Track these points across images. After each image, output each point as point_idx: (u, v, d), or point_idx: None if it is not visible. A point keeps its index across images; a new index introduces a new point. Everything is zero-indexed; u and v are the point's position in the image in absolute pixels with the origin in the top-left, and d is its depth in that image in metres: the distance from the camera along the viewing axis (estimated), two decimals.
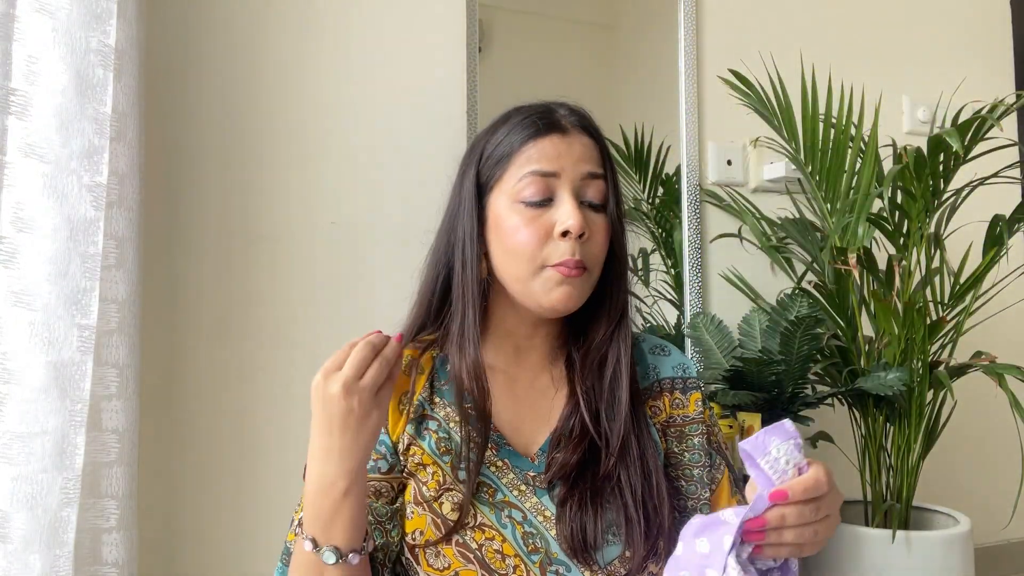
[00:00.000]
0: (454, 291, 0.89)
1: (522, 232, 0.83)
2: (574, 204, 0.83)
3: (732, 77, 1.67)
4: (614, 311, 0.90)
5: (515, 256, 0.84)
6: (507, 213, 0.85)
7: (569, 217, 0.82)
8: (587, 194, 0.85)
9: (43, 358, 1.04)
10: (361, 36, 1.54)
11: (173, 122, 1.39)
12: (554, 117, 0.87)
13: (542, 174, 0.84)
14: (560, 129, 0.86)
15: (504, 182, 0.86)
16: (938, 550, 1.45)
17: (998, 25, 2.33)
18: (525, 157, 0.85)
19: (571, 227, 0.82)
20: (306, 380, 1.48)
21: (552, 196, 0.84)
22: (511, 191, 0.85)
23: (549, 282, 0.83)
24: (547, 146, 0.85)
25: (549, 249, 0.83)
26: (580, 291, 0.85)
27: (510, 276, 0.86)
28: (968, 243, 1.65)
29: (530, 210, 0.84)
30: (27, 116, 1.07)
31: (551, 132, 0.85)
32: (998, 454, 1.96)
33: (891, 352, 1.51)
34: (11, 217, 1.05)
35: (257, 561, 1.39)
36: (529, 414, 0.90)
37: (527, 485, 0.85)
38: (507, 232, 0.85)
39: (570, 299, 0.84)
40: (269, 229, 1.45)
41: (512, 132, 0.87)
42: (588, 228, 0.84)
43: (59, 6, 1.08)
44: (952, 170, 1.49)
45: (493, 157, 0.88)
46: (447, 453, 0.85)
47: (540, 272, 0.84)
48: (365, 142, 1.53)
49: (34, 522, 1.02)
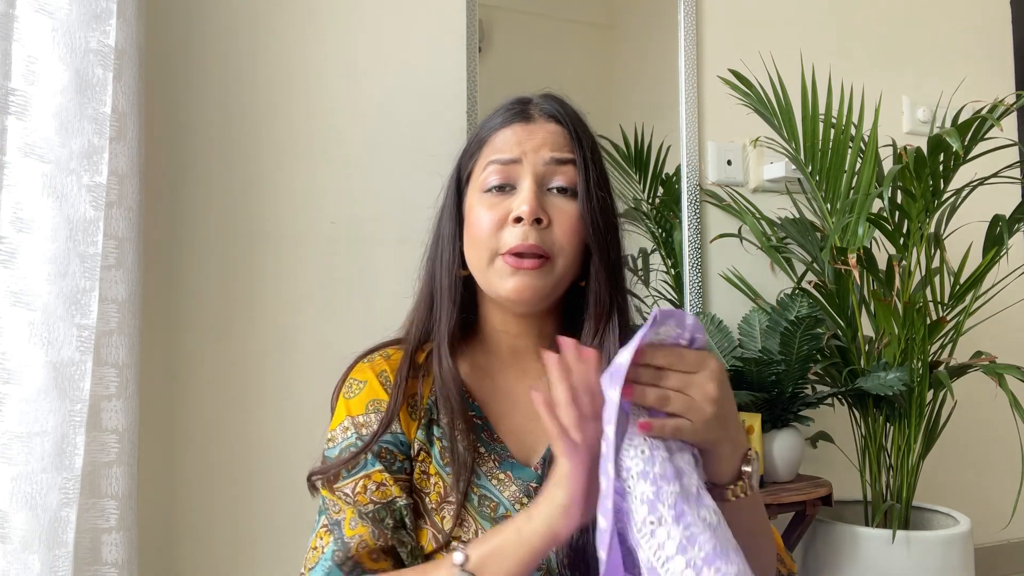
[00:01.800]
0: (434, 295, 0.87)
1: (483, 217, 0.82)
2: (532, 190, 0.81)
3: (732, 77, 1.67)
4: (599, 309, 0.84)
5: (474, 244, 0.83)
6: (474, 203, 0.84)
7: (523, 203, 0.80)
8: (554, 180, 0.83)
9: (43, 358, 1.04)
10: (361, 36, 1.54)
11: (173, 122, 1.39)
12: (523, 107, 0.86)
13: (502, 162, 0.83)
14: (525, 117, 0.85)
15: (475, 174, 0.86)
16: (938, 550, 1.45)
17: (998, 25, 2.33)
18: (491, 147, 0.85)
19: (523, 212, 0.79)
20: (306, 380, 1.48)
21: (515, 183, 0.83)
22: (479, 182, 0.84)
23: (502, 272, 0.81)
24: (509, 134, 0.84)
25: (504, 234, 0.81)
26: (538, 282, 0.81)
27: (473, 266, 0.85)
28: (968, 243, 1.65)
29: (491, 196, 0.83)
30: (27, 116, 1.07)
31: (515, 121, 0.85)
32: (998, 454, 1.96)
33: (891, 352, 1.51)
34: (11, 217, 1.05)
35: (257, 561, 1.39)
36: (528, 422, 0.88)
37: (529, 498, 0.83)
38: (472, 221, 0.84)
39: (524, 290, 0.80)
40: (269, 229, 1.45)
41: (485, 125, 0.87)
42: (548, 214, 0.81)
43: (59, 6, 1.08)
44: (952, 170, 1.49)
45: (468, 152, 0.88)
46: (449, 464, 0.83)
47: (493, 261, 0.81)
48: (365, 142, 1.53)
49: (34, 522, 1.02)
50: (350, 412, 0.85)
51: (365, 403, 0.85)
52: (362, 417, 0.84)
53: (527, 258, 0.80)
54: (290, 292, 1.45)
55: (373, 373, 0.87)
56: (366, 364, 0.88)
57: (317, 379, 1.43)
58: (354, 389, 0.86)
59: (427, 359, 0.89)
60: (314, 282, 1.47)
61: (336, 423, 0.85)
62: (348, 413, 0.85)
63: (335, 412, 0.87)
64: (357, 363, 0.89)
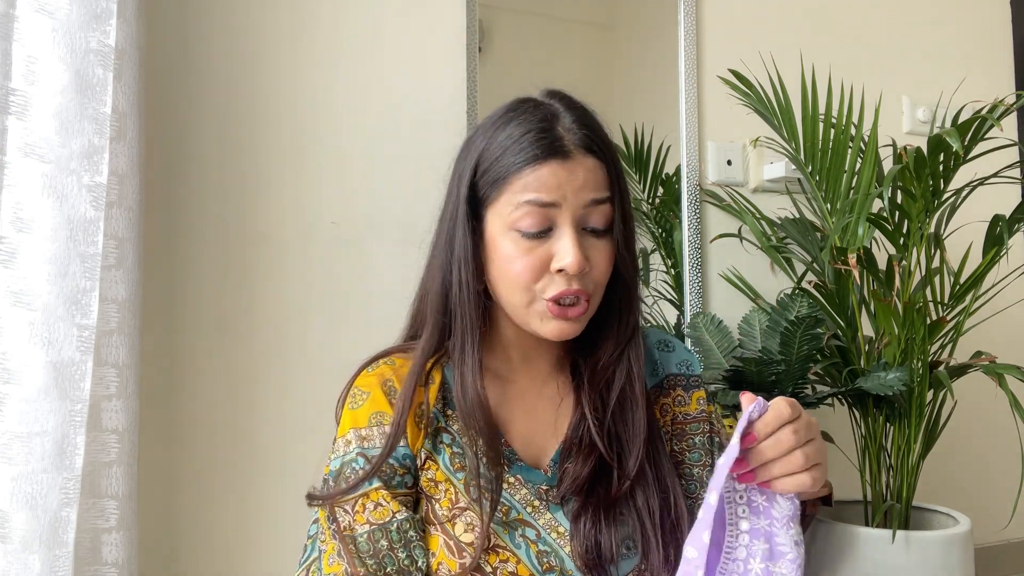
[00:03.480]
0: (453, 311, 0.85)
1: (517, 263, 0.78)
2: (574, 240, 0.77)
3: (732, 77, 1.67)
4: (623, 333, 0.86)
5: (509, 285, 0.81)
6: (501, 239, 0.80)
7: (568, 255, 0.77)
8: (591, 221, 0.80)
9: (43, 358, 1.04)
10: (361, 36, 1.54)
11: (173, 122, 1.39)
12: (556, 135, 0.79)
13: (540, 204, 0.77)
14: (562, 154, 0.78)
15: (499, 205, 0.80)
16: (938, 550, 1.45)
17: (998, 25, 2.33)
18: (522, 184, 0.78)
19: (567, 266, 0.77)
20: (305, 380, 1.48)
21: (551, 226, 0.78)
22: (507, 217, 0.79)
23: (544, 315, 0.80)
24: (546, 175, 0.77)
25: (544, 282, 0.79)
26: (577, 324, 0.81)
27: (505, 301, 0.83)
28: (968, 243, 1.65)
29: (526, 241, 0.78)
30: (27, 116, 1.06)
31: (552, 157, 0.78)
32: (998, 454, 1.96)
33: (891, 352, 1.51)
34: (11, 217, 1.05)
35: (257, 561, 1.39)
36: (539, 426, 0.88)
37: (540, 500, 0.83)
38: (502, 259, 0.80)
39: (564, 333, 0.81)
40: (269, 229, 1.45)
41: (510, 150, 0.79)
42: (589, 260, 0.79)
43: (59, 6, 1.08)
44: (952, 170, 1.49)
45: (490, 175, 0.81)
46: (461, 470, 0.82)
47: (534, 303, 0.80)
48: (365, 142, 1.53)
49: (34, 522, 1.02)
50: (355, 424, 0.84)
51: (368, 415, 0.84)
52: (364, 431, 0.83)
53: (572, 307, 0.79)
54: (290, 292, 1.45)
55: (377, 383, 0.85)
56: (371, 373, 0.87)
57: (317, 379, 1.43)
58: (358, 400, 0.85)
59: (434, 365, 0.88)
60: (314, 282, 1.47)
61: (341, 433, 0.85)
62: (353, 425, 0.84)
63: (340, 422, 0.86)
64: (361, 371, 0.88)
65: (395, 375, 0.86)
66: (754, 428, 0.71)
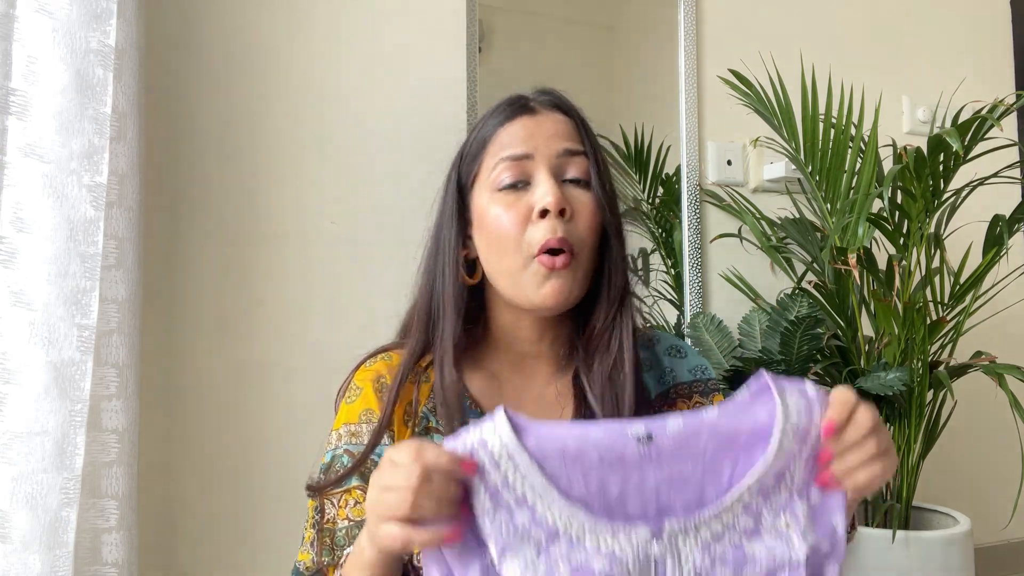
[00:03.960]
0: (434, 302, 0.85)
1: (502, 218, 0.80)
2: (551, 181, 0.79)
3: (732, 77, 1.67)
4: (613, 293, 0.85)
5: (500, 247, 0.81)
6: (488, 205, 0.82)
7: (547, 194, 0.78)
8: (568, 172, 0.82)
9: (43, 358, 1.04)
10: (361, 36, 1.54)
11: (173, 122, 1.39)
12: (523, 101, 0.85)
13: (514, 158, 0.81)
14: (529, 110, 0.83)
15: (482, 176, 0.83)
16: (938, 550, 1.45)
17: (998, 25, 2.33)
18: (497, 145, 0.82)
19: (549, 204, 0.78)
20: (306, 379, 1.47)
21: (529, 178, 0.81)
22: (489, 183, 0.82)
23: (537, 276, 0.79)
24: (516, 129, 0.82)
25: (531, 231, 0.79)
26: (571, 283, 0.80)
27: (500, 273, 0.83)
28: (968, 243, 1.65)
29: (508, 195, 0.81)
30: (27, 116, 1.07)
31: (519, 115, 0.83)
32: (998, 454, 1.96)
33: (891, 352, 1.51)
34: (11, 217, 1.05)
35: (257, 561, 1.39)
36: None
37: None
38: (490, 223, 0.82)
39: (561, 293, 0.80)
40: (269, 229, 1.45)
41: (484, 125, 0.85)
42: (570, 206, 0.80)
43: (59, 6, 1.08)
44: (952, 170, 1.49)
45: (470, 154, 0.86)
46: None
47: (528, 265, 0.80)
48: (365, 142, 1.53)
49: (34, 522, 1.02)
50: (347, 419, 0.84)
51: (359, 412, 0.84)
52: (354, 427, 0.84)
53: (559, 255, 0.79)
54: (290, 292, 1.45)
55: (371, 379, 0.86)
56: (368, 368, 0.87)
57: (317, 379, 1.43)
58: (352, 395, 0.86)
59: (429, 365, 0.87)
60: (314, 282, 1.47)
61: (335, 427, 0.85)
62: (345, 420, 0.84)
63: (336, 416, 0.87)
64: (360, 365, 0.88)
65: (389, 372, 0.86)
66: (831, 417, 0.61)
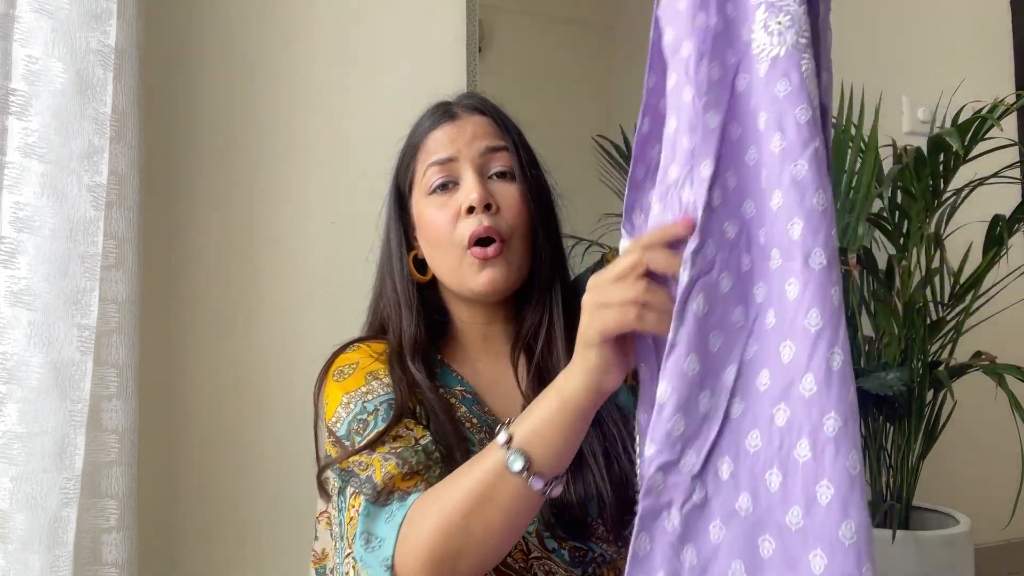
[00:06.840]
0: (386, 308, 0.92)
1: (436, 218, 0.86)
2: (475, 179, 0.85)
3: None
4: (543, 283, 0.89)
5: (437, 245, 0.87)
6: (424, 208, 0.88)
7: (471, 191, 0.84)
8: (492, 167, 0.88)
9: (43, 358, 1.04)
10: (361, 36, 1.54)
11: (173, 122, 1.39)
12: (446, 107, 0.92)
13: (440, 162, 0.87)
14: (450, 116, 0.90)
15: (415, 182, 0.90)
16: (938, 550, 1.46)
17: (998, 25, 2.33)
18: (425, 152, 0.89)
19: (473, 200, 0.83)
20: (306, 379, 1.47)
21: (457, 179, 0.87)
22: (422, 187, 0.88)
23: (473, 267, 0.84)
24: (440, 135, 0.88)
25: (460, 227, 0.84)
26: (505, 270, 0.85)
27: (442, 268, 0.88)
28: (968, 243, 1.65)
29: (439, 196, 0.87)
30: (27, 116, 1.07)
31: (443, 121, 0.89)
32: (998, 454, 1.96)
33: (891, 352, 1.51)
34: (11, 217, 1.05)
35: (257, 561, 1.39)
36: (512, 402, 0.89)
37: None
38: (426, 225, 0.87)
39: (495, 281, 0.84)
40: (269, 229, 1.45)
41: (413, 134, 0.92)
42: (495, 199, 0.85)
43: (59, 6, 1.08)
44: (952, 170, 1.49)
45: (404, 162, 0.93)
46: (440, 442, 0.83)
47: (463, 258, 0.85)
48: (365, 142, 1.52)
49: (34, 522, 1.02)
50: (347, 390, 0.84)
51: (363, 376, 0.85)
52: (363, 388, 0.84)
53: (489, 244, 0.84)
54: (290, 292, 1.45)
55: (362, 354, 0.88)
56: (351, 351, 0.90)
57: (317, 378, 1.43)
58: (346, 372, 0.87)
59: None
60: (314, 282, 1.47)
61: (334, 407, 0.84)
62: (345, 391, 0.84)
63: (329, 400, 0.86)
64: (337, 356, 0.90)
65: (375, 348, 0.89)
66: None
